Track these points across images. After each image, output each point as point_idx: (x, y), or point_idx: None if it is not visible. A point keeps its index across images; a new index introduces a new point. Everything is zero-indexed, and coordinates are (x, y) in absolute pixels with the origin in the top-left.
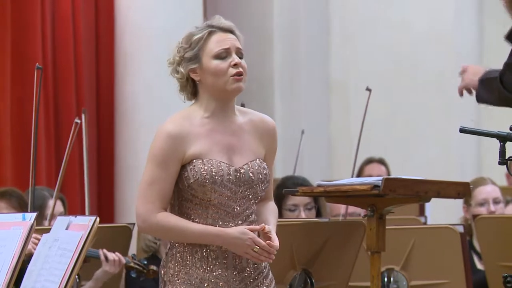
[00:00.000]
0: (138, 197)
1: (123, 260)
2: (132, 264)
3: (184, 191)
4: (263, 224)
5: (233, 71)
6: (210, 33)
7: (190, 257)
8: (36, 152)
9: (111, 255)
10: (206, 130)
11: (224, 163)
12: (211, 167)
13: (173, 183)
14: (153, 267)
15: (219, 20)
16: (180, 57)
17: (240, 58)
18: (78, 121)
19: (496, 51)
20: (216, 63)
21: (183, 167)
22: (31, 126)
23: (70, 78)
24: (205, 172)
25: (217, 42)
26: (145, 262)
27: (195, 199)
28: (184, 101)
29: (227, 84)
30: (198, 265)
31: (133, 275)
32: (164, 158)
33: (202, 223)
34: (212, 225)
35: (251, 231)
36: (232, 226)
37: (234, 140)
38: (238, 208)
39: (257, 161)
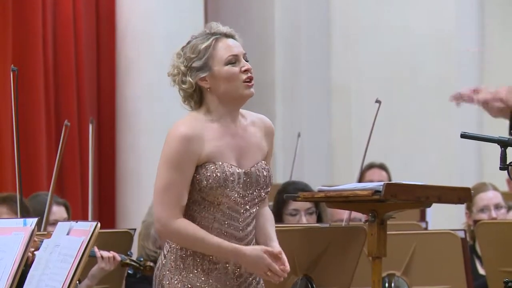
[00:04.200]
0: (157, 203)
1: (118, 257)
2: (128, 261)
3: (193, 193)
4: (279, 250)
5: (244, 76)
6: (216, 40)
7: (187, 260)
8: (20, 156)
9: (106, 253)
10: (218, 133)
11: (235, 166)
12: (224, 171)
13: (188, 186)
14: (150, 263)
15: (219, 27)
16: (186, 67)
17: (246, 61)
18: (68, 124)
19: (497, 56)
20: (228, 68)
21: (196, 169)
22: (32, 131)
23: (71, 83)
24: (217, 177)
25: (225, 49)
26: (142, 259)
27: (204, 202)
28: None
29: (239, 89)
30: (194, 269)
31: (130, 271)
32: (180, 161)
33: (208, 226)
34: (218, 228)
35: (267, 253)
36: (237, 229)
37: (242, 142)
38: (245, 212)
39: (262, 163)
